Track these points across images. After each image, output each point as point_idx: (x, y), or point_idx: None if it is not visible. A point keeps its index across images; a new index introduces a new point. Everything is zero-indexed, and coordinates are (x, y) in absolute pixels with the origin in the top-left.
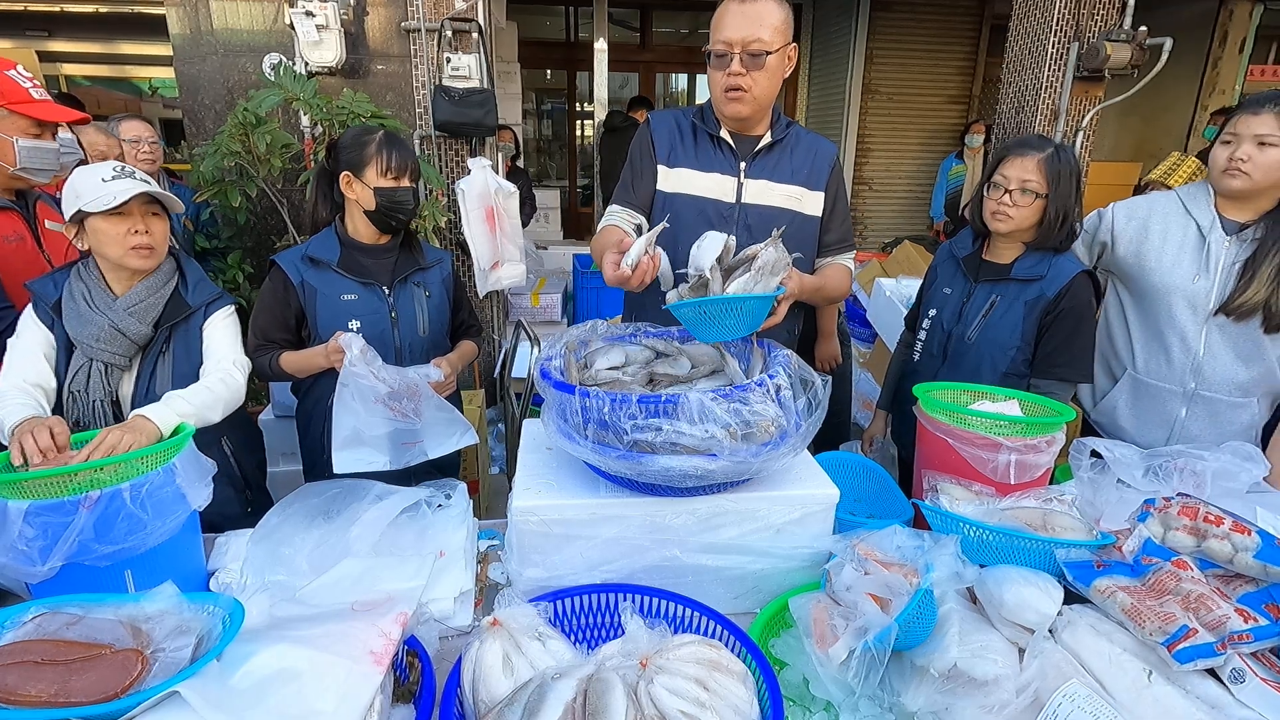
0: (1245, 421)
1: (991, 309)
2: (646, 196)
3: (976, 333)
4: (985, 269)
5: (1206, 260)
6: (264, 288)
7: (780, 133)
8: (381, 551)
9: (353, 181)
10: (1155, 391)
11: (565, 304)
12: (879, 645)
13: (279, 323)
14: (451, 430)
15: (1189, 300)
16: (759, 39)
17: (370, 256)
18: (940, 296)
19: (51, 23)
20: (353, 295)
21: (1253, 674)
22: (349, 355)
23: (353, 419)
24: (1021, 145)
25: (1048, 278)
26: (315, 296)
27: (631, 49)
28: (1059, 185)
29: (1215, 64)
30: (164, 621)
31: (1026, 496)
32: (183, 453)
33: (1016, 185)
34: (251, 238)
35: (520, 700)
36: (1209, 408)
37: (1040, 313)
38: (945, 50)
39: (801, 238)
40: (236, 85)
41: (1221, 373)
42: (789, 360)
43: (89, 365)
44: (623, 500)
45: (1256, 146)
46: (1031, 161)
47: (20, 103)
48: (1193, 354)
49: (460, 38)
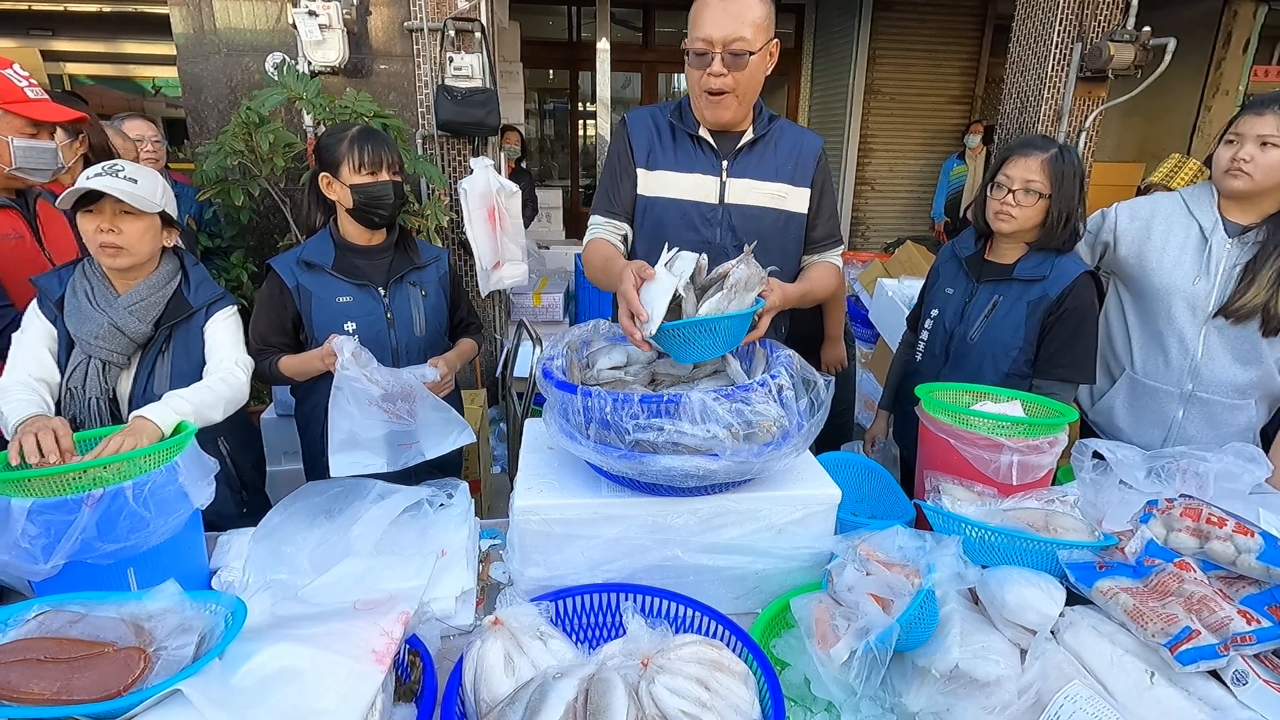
0: (1242, 424)
1: (994, 309)
2: (628, 202)
3: (979, 333)
4: (988, 269)
5: (1207, 262)
6: (261, 292)
7: (763, 128)
8: (383, 550)
9: (331, 182)
10: (1152, 392)
11: (567, 304)
12: (880, 646)
13: (276, 327)
14: (448, 430)
15: (1189, 302)
16: (741, 37)
17: (364, 258)
18: (942, 297)
19: (55, 22)
20: (348, 297)
21: (1255, 676)
22: (341, 358)
23: (348, 422)
24: (1025, 145)
25: (1050, 278)
26: (311, 300)
27: (634, 49)
28: (1062, 185)
29: (1219, 64)
30: (166, 620)
31: (1029, 497)
32: (185, 451)
33: (1020, 185)
34: (254, 237)
35: (522, 700)
36: (1206, 409)
37: (1043, 313)
38: (948, 50)
39: (787, 237)
40: (239, 85)
41: (1219, 375)
42: (791, 361)
43: (87, 362)
44: (624, 500)
45: (1259, 147)
46: (1035, 162)
47: (15, 102)
48: (1191, 355)
49: (463, 37)
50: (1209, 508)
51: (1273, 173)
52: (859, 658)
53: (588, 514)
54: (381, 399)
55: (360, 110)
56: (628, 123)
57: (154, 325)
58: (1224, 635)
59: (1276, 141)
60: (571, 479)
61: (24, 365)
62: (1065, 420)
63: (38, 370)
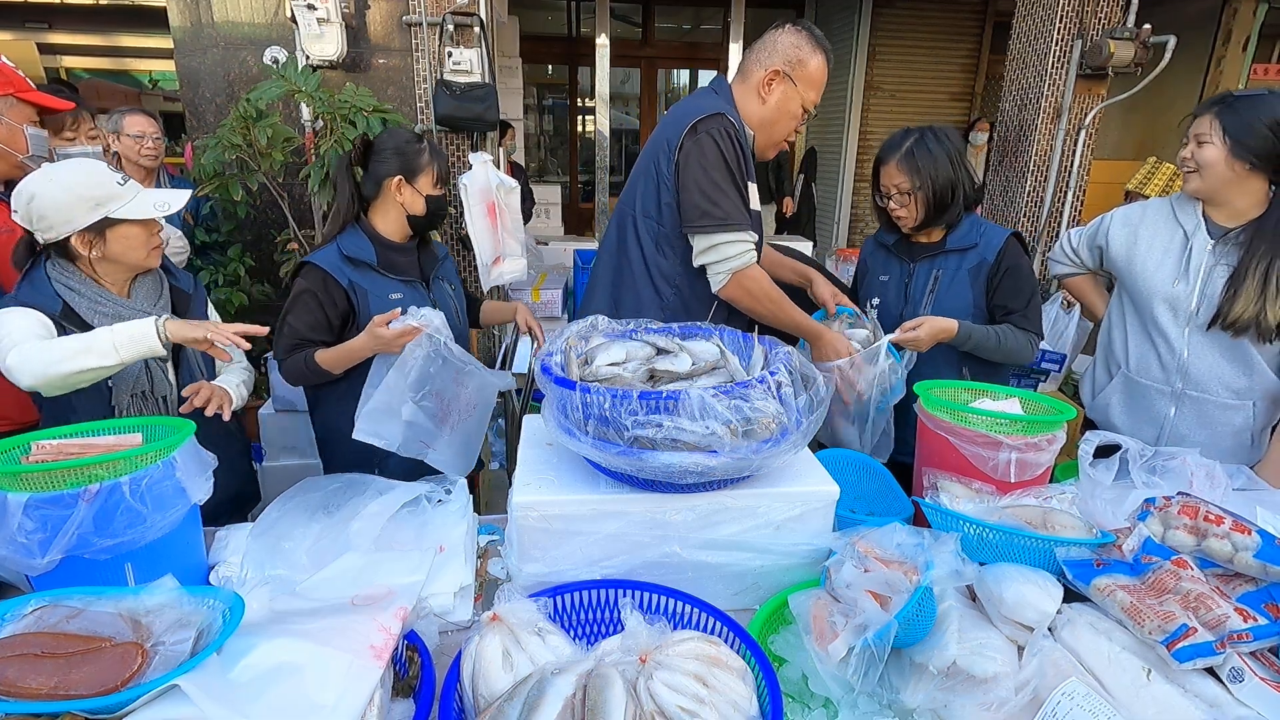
0: (1238, 424)
1: (936, 284)
2: None
3: (928, 309)
4: (918, 249)
5: (1187, 265)
6: (300, 291)
7: None
8: (382, 546)
9: (404, 186)
10: (1144, 390)
11: (566, 299)
12: (878, 642)
13: (320, 325)
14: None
15: (1169, 303)
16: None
17: (403, 254)
18: (879, 285)
19: (52, 15)
20: (398, 294)
21: (1252, 673)
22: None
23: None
24: (885, 151)
25: (982, 244)
26: (367, 297)
27: (633, 44)
28: (922, 173)
29: (1219, 62)
30: (164, 615)
31: (1026, 494)
32: (183, 447)
33: (894, 191)
34: (252, 231)
35: (520, 695)
36: (1197, 407)
37: (986, 276)
38: (948, 47)
39: None
40: (237, 79)
41: (1207, 373)
42: (790, 357)
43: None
44: (623, 496)
45: (1198, 146)
46: (893, 166)
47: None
48: (1177, 355)
49: (462, 32)
50: (1206, 505)
51: (1208, 168)
52: (857, 654)
53: (586, 510)
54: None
55: (360, 105)
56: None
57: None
58: (1221, 633)
59: (1208, 139)
60: (570, 475)
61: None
62: (1064, 418)
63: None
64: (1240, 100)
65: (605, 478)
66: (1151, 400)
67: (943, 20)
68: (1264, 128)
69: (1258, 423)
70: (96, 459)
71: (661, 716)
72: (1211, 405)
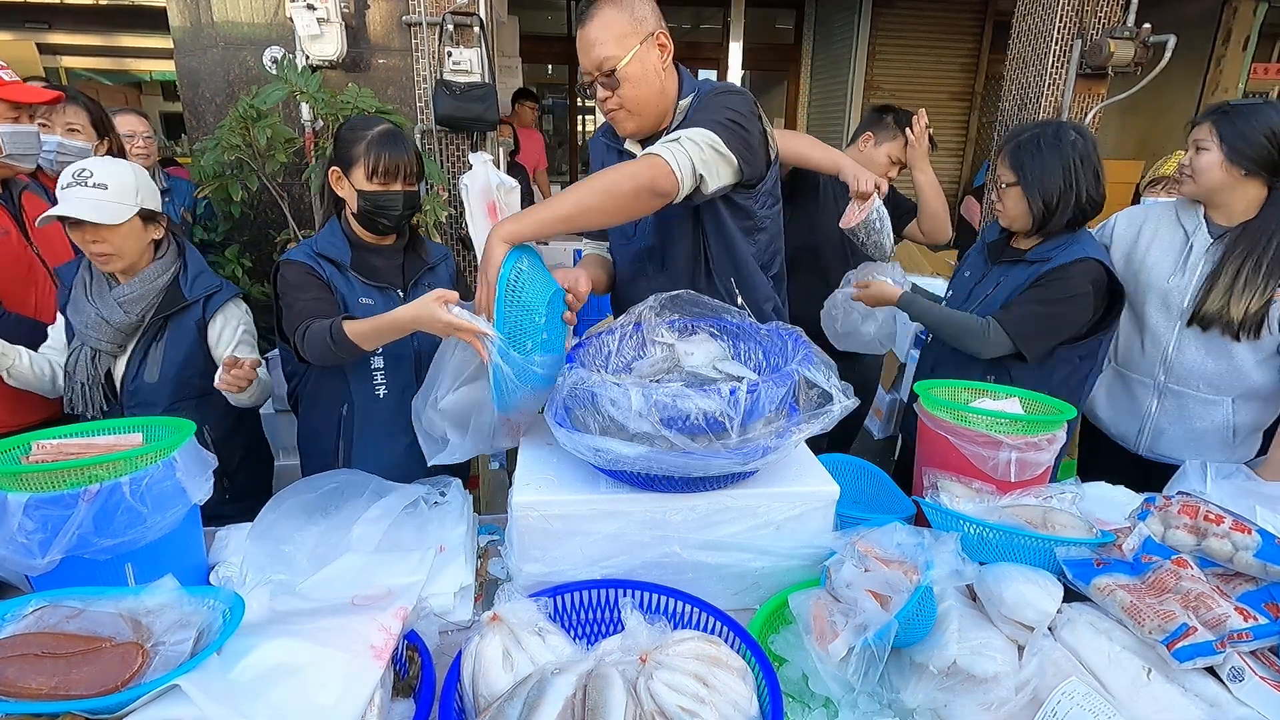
0: (1218, 420)
1: (996, 289)
2: None
3: (978, 309)
4: (1007, 253)
5: (1185, 261)
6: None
7: (678, 118)
8: (382, 546)
9: (341, 179)
10: (1129, 382)
11: None
12: (878, 642)
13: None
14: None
15: (1163, 297)
16: (606, 56)
17: (380, 257)
18: (960, 280)
19: (52, 15)
20: (369, 300)
21: (1252, 672)
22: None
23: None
24: (1005, 137)
25: (1054, 259)
26: (339, 298)
27: None
28: (1026, 172)
29: (1218, 62)
30: (164, 615)
31: (1027, 494)
32: (183, 447)
33: (1001, 182)
34: (250, 231)
35: (520, 695)
36: (1178, 401)
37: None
38: (948, 47)
39: None
40: (237, 79)
41: (1189, 367)
42: (807, 352)
43: (80, 349)
44: (623, 496)
45: (1196, 152)
46: (1003, 154)
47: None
48: (1163, 348)
49: (461, 32)
50: (1206, 505)
51: (1203, 173)
52: (857, 654)
53: (586, 510)
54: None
55: (361, 105)
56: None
57: (142, 317)
58: (1221, 632)
59: (1206, 145)
60: (570, 475)
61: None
62: (1064, 418)
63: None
64: (1237, 109)
65: (605, 477)
66: (1135, 393)
67: (943, 20)
68: (1259, 135)
69: (1237, 418)
70: (96, 459)
71: (662, 716)
72: (1191, 399)
